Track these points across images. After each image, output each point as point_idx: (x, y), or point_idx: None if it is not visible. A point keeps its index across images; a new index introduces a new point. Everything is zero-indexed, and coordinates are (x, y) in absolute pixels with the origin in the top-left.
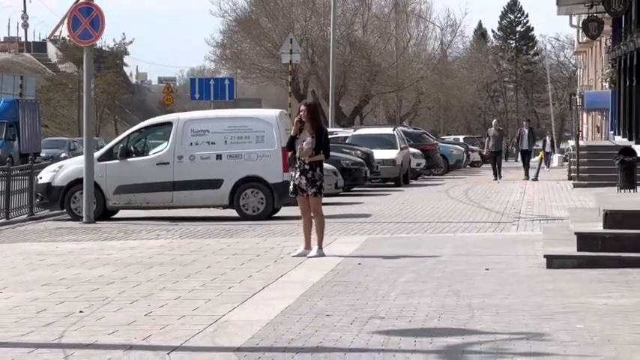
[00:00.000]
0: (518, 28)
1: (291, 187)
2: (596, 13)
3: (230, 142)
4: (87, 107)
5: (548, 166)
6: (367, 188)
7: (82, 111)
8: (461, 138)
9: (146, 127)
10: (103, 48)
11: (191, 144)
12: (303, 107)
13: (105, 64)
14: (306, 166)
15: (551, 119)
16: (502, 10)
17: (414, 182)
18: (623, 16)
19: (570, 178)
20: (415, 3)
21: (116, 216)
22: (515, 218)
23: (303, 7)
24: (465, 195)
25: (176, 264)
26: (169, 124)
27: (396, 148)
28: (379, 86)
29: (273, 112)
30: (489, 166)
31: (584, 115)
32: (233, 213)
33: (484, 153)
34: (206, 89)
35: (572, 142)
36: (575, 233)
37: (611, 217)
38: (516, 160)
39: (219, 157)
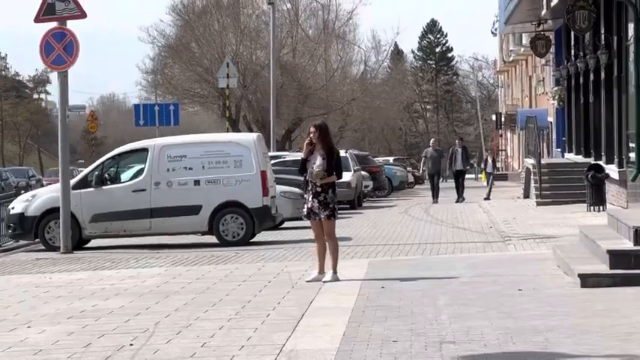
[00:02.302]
0: (438, 49)
1: (304, 210)
2: (543, 31)
3: (208, 167)
4: (62, 135)
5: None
6: None
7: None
8: (390, 159)
9: (121, 154)
10: (24, 77)
11: (168, 170)
12: (312, 129)
13: (24, 94)
14: (318, 189)
15: (480, 139)
16: (422, 30)
17: (365, 204)
18: (569, 35)
19: (526, 197)
20: (344, 25)
21: (90, 245)
22: (503, 237)
23: (234, 31)
24: (429, 215)
25: (192, 292)
26: (145, 150)
27: (350, 171)
28: (310, 109)
29: (250, 136)
30: (425, 186)
31: (508, 133)
32: (210, 239)
33: (419, 174)
34: (151, 115)
35: (530, 160)
36: (608, 251)
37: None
38: (446, 181)
39: (197, 182)
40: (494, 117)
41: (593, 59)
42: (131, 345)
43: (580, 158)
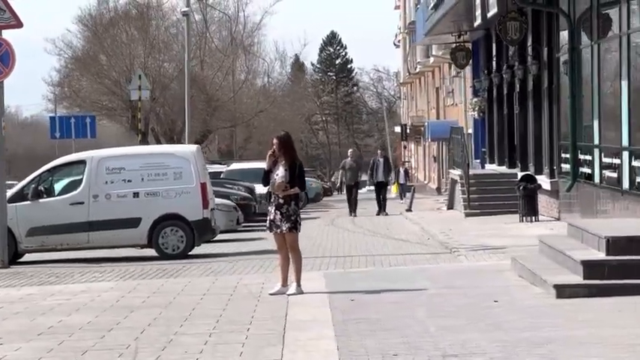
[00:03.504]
0: (338, 61)
1: (267, 223)
2: (463, 42)
3: (147, 179)
4: None
5: (402, 198)
6: (248, 224)
7: None
8: None
9: (58, 166)
10: None
11: (106, 182)
12: (275, 140)
13: None
14: (281, 201)
15: (388, 150)
16: (321, 43)
17: None
18: (490, 46)
19: (450, 207)
20: (251, 37)
21: (24, 259)
22: (450, 249)
23: (142, 43)
24: (358, 227)
25: (156, 307)
26: (82, 162)
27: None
28: (218, 121)
29: (189, 148)
30: (336, 198)
31: (412, 145)
32: (149, 252)
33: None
34: (67, 127)
35: (456, 171)
36: (582, 262)
37: (614, 244)
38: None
39: (136, 194)
40: (398, 129)
41: (520, 70)
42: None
43: (504, 169)
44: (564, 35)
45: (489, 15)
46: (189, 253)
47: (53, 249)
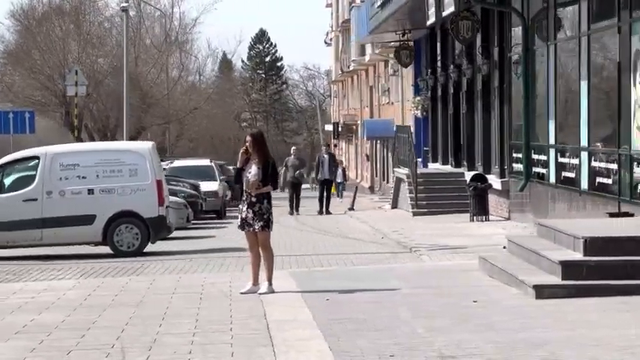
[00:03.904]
0: (267, 59)
1: (238, 221)
2: (407, 41)
3: (102, 175)
4: None
5: (341, 197)
6: (196, 221)
7: None
8: (231, 168)
9: (10, 162)
10: None
11: (60, 179)
12: (248, 137)
13: None
14: (253, 199)
15: (331, 145)
16: (250, 40)
17: (227, 215)
18: (435, 45)
19: (394, 207)
20: (187, 34)
21: None
22: (409, 248)
23: (76, 38)
24: (307, 225)
25: (128, 306)
26: (36, 158)
27: (216, 180)
28: (152, 118)
29: (145, 145)
30: (274, 195)
31: (343, 144)
32: (103, 250)
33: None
34: (5, 122)
35: (402, 170)
36: (561, 262)
37: (592, 245)
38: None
39: (90, 191)
40: (329, 127)
41: (469, 69)
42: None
43: (449, 168)
44: (516, 35)
45: (445, 14)
46: (144, 250)
47: (4, 246)
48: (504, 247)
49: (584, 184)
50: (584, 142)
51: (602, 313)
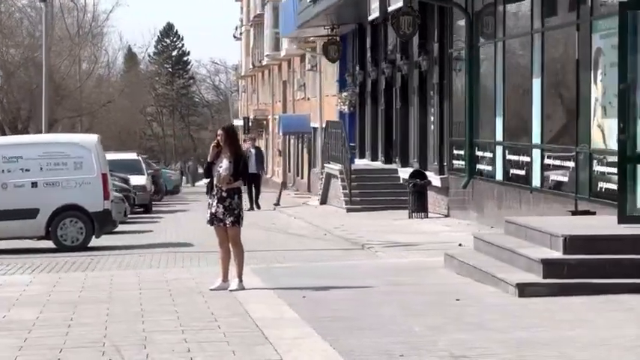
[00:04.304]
0: (174, 53)
1: (207, 216)
2: (335, 35)
3: (46, 168)
4: None
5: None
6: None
7: None
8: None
9: None
10: None
11: (3, 171)
12: (220, 131)
13: None
14: (224, 194)
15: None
16: (158, 34)
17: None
18: (364, 41)
19: (323, 202)
20: (100, 26)
21: None
22: (362, 245)
23: None
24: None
25: (98, 302)
26: None
27: (144, 174)
28: (65, 111)
29: (91, 138)
30: (191, 190)
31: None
32: (43, 244)
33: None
34: None
35: (333, 166)
36: (542, 260)
37: (572, 243)
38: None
39: (34, 184)
40: (237, 122)
41: (406, 65)
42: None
43: (379, 164)
44: (459, 31)
45: (391, 9)
46: (88, 245)
47: None
48: (460, 245)
49: (537, 181)
50: (536, 140)
51: (595, 312)
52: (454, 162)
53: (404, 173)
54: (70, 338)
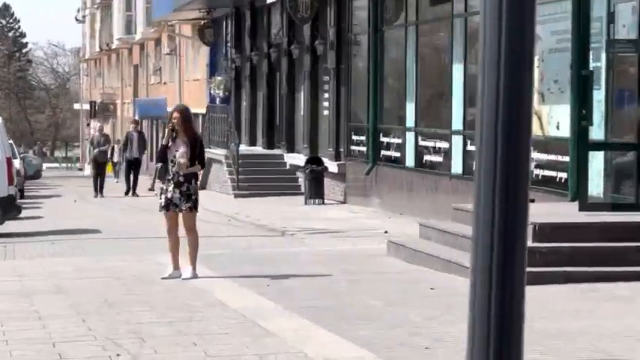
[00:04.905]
0: (11, 34)
1: (162, 201)
2: (207, 19)
3: None
4: None
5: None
6: None
7: None
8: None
9: None
10: None
11: None
12: (176, 114)
13: None
14: (181, 179)
15: (80, 127)
16: None
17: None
18: (240, 25)
19: (202, 188)
20: None
21: None
22: (282, 232)
23: None
24: (137, 208)
25: (50, 293)
26: None
27: (17, 158)
28: None
29: None
30: (51, 175)
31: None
32: None
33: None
34: None
35: (218, 151)
36: None
37: (541, 231)
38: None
39: None
40: (77, 106)
41: (297, 49)
42: (118, 356)
43: (259, 149)
44: (360, 15)
45: None
46: None
47: None
48: (386, 232)
49: (457, 168)
50: (457, 126)
51: (591, 302)
52: (353, 148)
53: (291, 159)
54: (53, 331)
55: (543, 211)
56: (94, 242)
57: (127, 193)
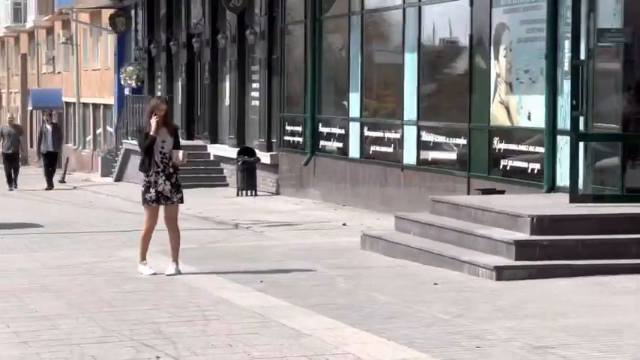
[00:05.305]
0: None
1: (152, 195)
2: (121, 7)
3: None
4: None
5: None
6: None
7: None
8: None
9: None
10: None
11: None
12: (163, 105)
13: None
14: (171, 170)
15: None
16: None
17: None
18: (153, 13)
19: (118, 179)
20: None
21: None
22: (236, 225)
23: None
24: (64, 202)
25: (38, 291)
26: None
27: None
28: None
29: None
30: None
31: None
32: None
33: None
34: None
35: (134, 141)
36: (515, 242)
37: (539, 223)
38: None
39: None
40: None
41: (224, 39)
42: (158, 358)
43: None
44: (294, 4)
45: None
46: None
47: None
48: (344, 224)
49: (411, 159)
50: (410, 117)
51: (608, 297)
52: (287, 138)
53: (215, 150)
54: (68, 332)
55: (530, 203)
56: (41, 237)
57: (48, 188)
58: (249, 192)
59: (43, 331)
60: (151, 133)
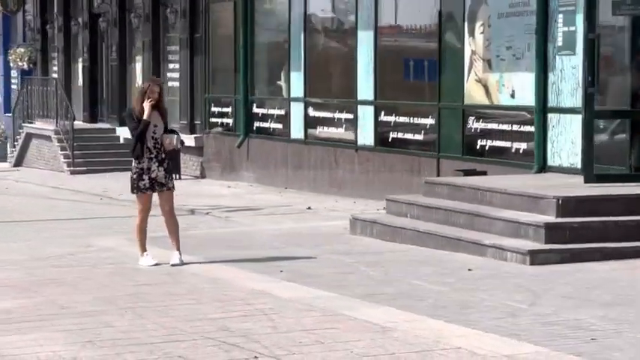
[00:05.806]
0: None
1: (145, 182)
2: None
3: None
4: None
5: None
6: None
7: None
8: None
9: None
10: None
11: None
12: (157, 87)
13: None
14: (164, 155)
15: None
16: None
17: None
18: None
19: (18, 165)
20: None
21: None
22: (190, 210)
23: None
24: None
25: (48, 285)
26: None
27: None
28: None
29: None
30: None
31: None
32: None
33: None
34: None
35: (45, 126)
36: (545, 224)
37: (565, 205)
38: None
39: None
40: None
41: (137, 18)
42: (256, 358)
43: (79, 124)
44: None
45: None
46: None
47: None
48: (309, 208)
49: (367, 139)
50: (365, 96)
51: None
52: (213, 120)
53: (125, 133)
54: (126, 330)
55: (534, 183)
56: (18, 227)
57: None
58: (174, 175)
59: (101, 329)
60: (144, 118)
